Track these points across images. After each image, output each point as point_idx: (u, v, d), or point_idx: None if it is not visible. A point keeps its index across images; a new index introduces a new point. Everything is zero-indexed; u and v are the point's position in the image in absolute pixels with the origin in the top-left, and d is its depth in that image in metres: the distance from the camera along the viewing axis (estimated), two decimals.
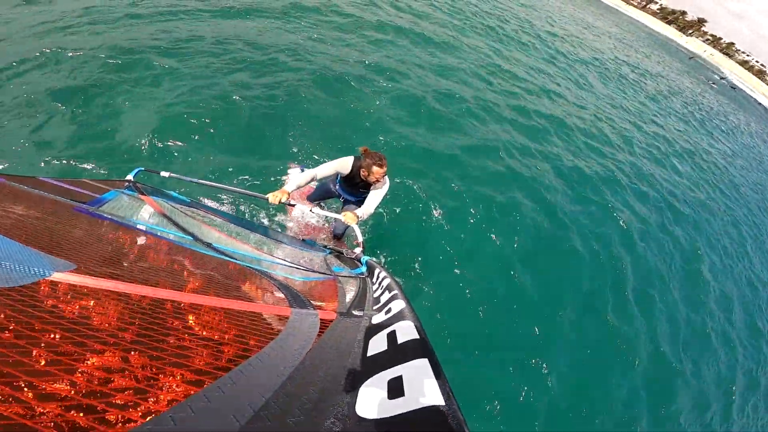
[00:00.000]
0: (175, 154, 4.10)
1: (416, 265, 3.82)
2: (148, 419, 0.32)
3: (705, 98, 26.86)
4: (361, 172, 2.61)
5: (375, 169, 2.52)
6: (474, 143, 6.41)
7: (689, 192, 8.88)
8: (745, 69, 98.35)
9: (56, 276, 0.72)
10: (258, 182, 4.09)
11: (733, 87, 51.25)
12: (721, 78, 56.62)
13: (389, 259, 3.77)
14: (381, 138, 5.65)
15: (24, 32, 5.24)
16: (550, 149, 7.37)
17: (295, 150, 4.71)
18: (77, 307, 0.67)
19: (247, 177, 4.11)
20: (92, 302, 0.70)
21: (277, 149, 4.65)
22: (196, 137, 4.42)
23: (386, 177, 2.70)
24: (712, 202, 9.05)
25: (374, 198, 2.72)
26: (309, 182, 2.64)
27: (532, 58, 12.97)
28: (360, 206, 3.14)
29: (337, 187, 3.12)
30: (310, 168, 3.03)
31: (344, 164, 2.69)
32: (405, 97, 7.00)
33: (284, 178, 4.14)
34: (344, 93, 6.34)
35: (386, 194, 2.77)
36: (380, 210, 4.27)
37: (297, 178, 2.60)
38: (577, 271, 4.73)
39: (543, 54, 14.04)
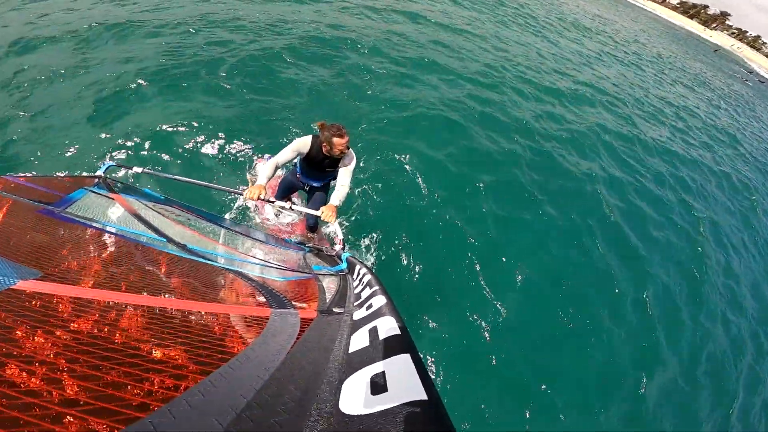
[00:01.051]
0: (147, 151, 3.98)
1: (401, 245, 3.82)
2: (127, 426, 0.31)
3: (734, 90, 25.82)
4: (323, 147, 2.54)
5: (335, 140, 2.43)
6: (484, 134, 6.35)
7: (714, 184, 8.55)
8: None
9: (21, 284, 0.68)
10: (242, 159, 4.12)
11: (762, 81, 49.65)
12: (750, 72, 55.47)
13: (377, 235, 3.77)
14: (365, 108, 5.73)
15: None
16: (550, 135, 7.25)
17: (267, 139, 4.64)
18: (52, 315, 0.64)
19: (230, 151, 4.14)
20: (67, 309, 0.67)
21: (252, 133, 4.61)
22: (168, 125, 4.35)
23: (351, 150, 2.64)
24: (737, 194, 8.65)
25: (345, 176, 2.65)
26: (275, 171, 2.56)
27: (544, 52, 12.76)
28: (326, 191, 3.06)
29: (299, 176, 2.99)
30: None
31: (303, 143, 2.61)
32: (398, 74, 7.09)
33: (249, 176, 4.04)
34: (321, 71, 6.35)
35: (355, 168, 2.71)
36: (365, 189, 4.28)
37: (263, 171, 2.52)
38: (578, 255, 4.64)
39: (555, 50, 13.77)
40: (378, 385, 0.56)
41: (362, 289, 1.26)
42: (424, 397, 0.50)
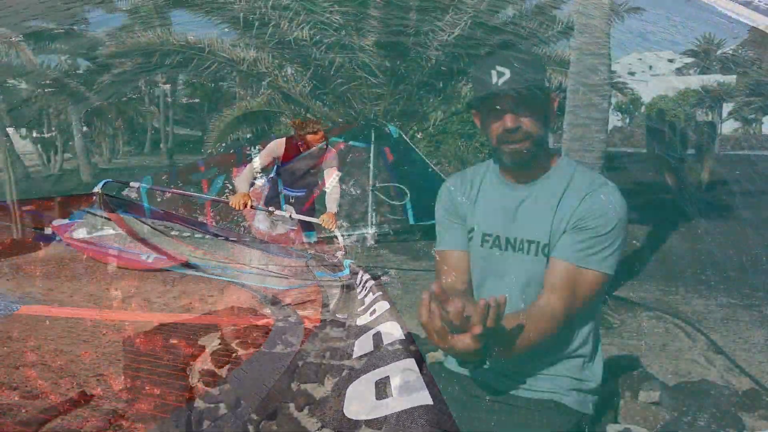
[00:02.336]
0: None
1: None
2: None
3: None
4: (301, 147, 2.50)
5: (310, 138, 2.42)
6: None
7: None
8: None
9: (24, 309, 0.69)
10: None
11: None
12: None
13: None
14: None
15: None
16: None
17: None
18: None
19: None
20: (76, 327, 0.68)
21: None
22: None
23: (332, 149, 2.62)
24: None
25: (332, 177, 2.62)
26: (252, 176, 2.56)
27: None
28: (312, 203, 2.96)
29: (281, 189, 2.83)
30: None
31: (277, 145, 2.55)
32: None
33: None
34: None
35: (340, 165, 2.69)
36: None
37: (241, 179, 2.53)
38: None
39: None
40: (382, 390, 0.56)
41: (365, 295, 1.26)
42: (429, 401, 0.50)
